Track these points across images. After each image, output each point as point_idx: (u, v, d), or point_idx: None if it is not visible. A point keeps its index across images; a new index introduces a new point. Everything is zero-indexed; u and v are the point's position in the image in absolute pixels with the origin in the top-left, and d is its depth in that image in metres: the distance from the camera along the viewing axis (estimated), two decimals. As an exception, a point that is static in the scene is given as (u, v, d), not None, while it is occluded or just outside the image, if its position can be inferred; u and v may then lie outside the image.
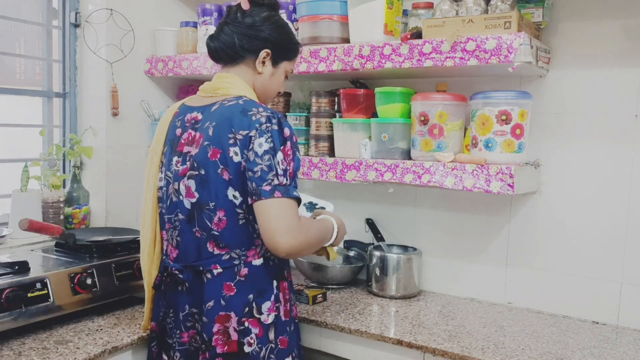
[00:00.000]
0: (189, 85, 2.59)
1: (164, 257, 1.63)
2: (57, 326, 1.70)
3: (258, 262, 1.53)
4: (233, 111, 1.48)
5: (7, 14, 2.21)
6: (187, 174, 1.52)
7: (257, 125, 1.44)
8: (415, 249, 2.23)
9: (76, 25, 2.36)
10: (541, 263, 2.05)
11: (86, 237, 2.00)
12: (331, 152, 2.19)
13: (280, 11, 2.17)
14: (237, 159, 1.45)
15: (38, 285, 1.64)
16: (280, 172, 1.43)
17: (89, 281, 1.76)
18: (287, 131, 1.47)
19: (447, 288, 2.23)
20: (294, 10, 2.19)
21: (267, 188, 1.41)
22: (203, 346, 1.50)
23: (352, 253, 2.39)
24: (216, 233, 1.49)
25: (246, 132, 1.44)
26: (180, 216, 1.54)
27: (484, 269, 2.16)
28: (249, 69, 1.61)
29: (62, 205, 2.25)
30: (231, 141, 1.45)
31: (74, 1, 2.35)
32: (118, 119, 2.39)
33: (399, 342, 1.73)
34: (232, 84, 1.57)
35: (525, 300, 2.08)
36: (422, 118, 1.92)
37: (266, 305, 1.52)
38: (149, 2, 2.50)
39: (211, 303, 1.50)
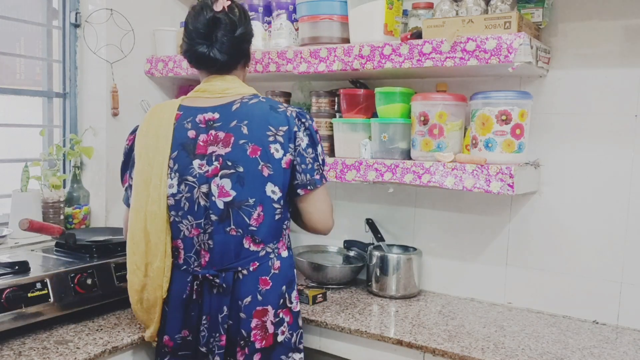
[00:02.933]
0: (189, 86, 2.59)
1: (185, 266, 1.57)
2: (57, 326, 1.70)
3: (285, 253, 1.60)
4: (263, 109, 1.54)
5: (7, 14, 2.21)
6: (219, 173, 1.51)
7: (295, 120, 1.55)
8: (415, 249, 2.23)
9: (76, 26, 2.36)
10: (541, 263, 2.05)
11: (86, 237, 2.00)
12: (331, 152, 2.19)
13: (280, 11, 2.19)
14: (278, 155, 1.51)
15: (38, 285, 1.64)
16: (321, 161, 1.60)
17: (89, 281, 1.76)
18: (315, 125, 1.61)
19: (447, 288, 2.23)
20: (294, 11, 2.18)
21: (318, 177, 1.57)
22: (242, 342, 1.52)
23: (352, 253, 2.39)
24: (254, 228, 1.52)
25: (286, 127, 1.52)
26: (213, 217, 1.51)
27: (483, 269, 2.16)
28: (242, 71, 1.68)
29: (62, 205, 2.25)
30: (271, 138, 1.51)
31: (74, 1, 2.35)
32: (118, 119, 2.39)
33: (399, 342, 1.73)
34: (240, 83, 1.63)
35: (525, 300, 2.08)
36: (422, 118, 1.92)
37: (294, 294, 1.61)
38: (149, 2, 2.50)
39: (248, 299, 1.53)
